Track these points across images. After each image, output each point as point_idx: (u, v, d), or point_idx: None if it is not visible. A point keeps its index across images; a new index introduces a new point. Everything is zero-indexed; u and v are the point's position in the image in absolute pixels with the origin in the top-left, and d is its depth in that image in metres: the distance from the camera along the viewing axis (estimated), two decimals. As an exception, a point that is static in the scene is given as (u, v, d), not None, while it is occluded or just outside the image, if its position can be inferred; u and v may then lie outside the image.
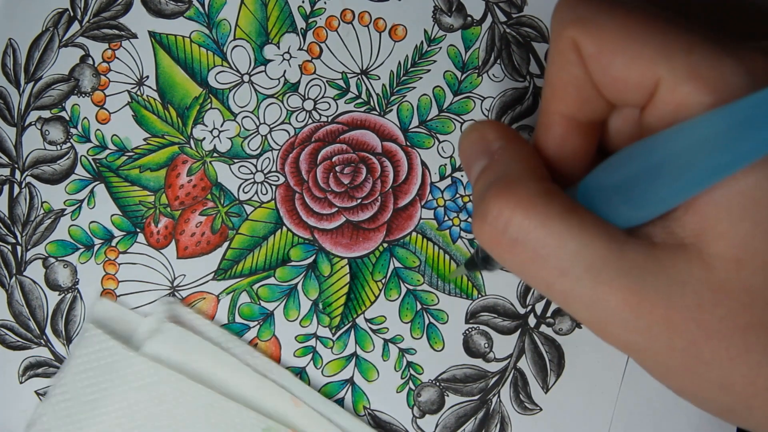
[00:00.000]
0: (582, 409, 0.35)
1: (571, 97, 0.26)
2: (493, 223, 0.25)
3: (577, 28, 0.24)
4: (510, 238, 0.24)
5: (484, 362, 0.36)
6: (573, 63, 0.25)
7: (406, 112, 0.37)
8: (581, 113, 0.26)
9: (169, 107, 0.37)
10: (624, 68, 0.23)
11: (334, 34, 0.37)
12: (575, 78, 0.25)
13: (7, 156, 0.37)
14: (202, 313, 0.36)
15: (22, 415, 0.35)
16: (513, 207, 0.24)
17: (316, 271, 0.36)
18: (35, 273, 0.36)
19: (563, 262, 0.24)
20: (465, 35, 0.37)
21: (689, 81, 0.22)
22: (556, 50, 0.25)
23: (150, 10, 0.37)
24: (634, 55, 0.23)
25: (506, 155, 0.26)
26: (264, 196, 0.36)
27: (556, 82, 0.26)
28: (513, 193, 0.24)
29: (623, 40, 0.23)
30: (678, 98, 0.22)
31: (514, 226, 0.24)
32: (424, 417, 0.36)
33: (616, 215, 0.24)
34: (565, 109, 0.26)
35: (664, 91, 0.23)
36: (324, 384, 0.36)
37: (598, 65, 0.24)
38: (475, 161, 0.28)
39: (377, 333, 0.36)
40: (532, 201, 0.24)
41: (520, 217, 0.24)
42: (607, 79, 0.24)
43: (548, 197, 0.24)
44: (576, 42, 0.24)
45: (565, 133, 0.27)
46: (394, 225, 0.36)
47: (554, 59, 0.25)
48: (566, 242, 0.24)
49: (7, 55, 0.37)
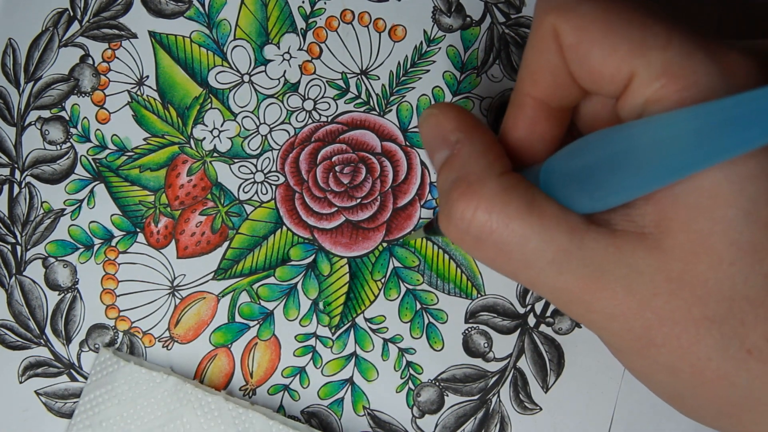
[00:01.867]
0: (582, 409, 0.35)
1: (546, 82, 0.26)
2: (457, 223, 0.26)
3: (559, 16, 0.25)
4: (474, 237, 0.26)
5: (483, 362, 0.36)
6: (551, 50, 0.25)
7: (405, 112, 0.37)
8: (554, 98, 0.27)
9: (169, 107, 0.37)
10: (600, 60, 0.24)
11: (334, 34, 0.37)
12: (552, 64, 0.26)
13: (6, 156, 0.37)
14: (202, 312, 0.36)
15: (22, 415, 0.35)
16: (474, 208, 0.25)
17: (315, 271, 0.36)
18: (35, 273, 0.36)
19: (526, 257, 0.25)
20: (464, 36, 0.37)
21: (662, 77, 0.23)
22: (536, 35, 0.26)
23: (150, 10, 0.37)
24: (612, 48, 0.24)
25: (465, 149, 0.27)
26: (264, 196, 0.36)
27: (532, 66, 0.26)
28: (474, 193, 0.25)
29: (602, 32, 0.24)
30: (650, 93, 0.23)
31: (476, 225, 0.25)
32: (424, 417, 0.36)
33: (577, 201, 0.25)
34: (539, 93, 0.27)
35: (638, 84, 0.23)
36: (323, 384, 0.36)
37: (576, 55, 0.25)
38: (436, 151, 0.29)
39: (377, 332, 0.36)
40: (492, 200, 0.25)
41: (482, 218, 0.25)
42: (583, 69, 0.25)
43: (508, 194, 0.25)
44: (556, 29, 0.25)
45: (535, 116, 0.27)
46: (393, 225, 0.36)
47: (533, 43, 0.26)
48: (528, 238, 0.25)
49: (7, 55, 0.37)
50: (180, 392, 0.34)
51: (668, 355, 0.24)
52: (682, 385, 0.25)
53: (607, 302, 0.24)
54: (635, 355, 0.25)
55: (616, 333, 0.25)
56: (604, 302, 0.24)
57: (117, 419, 0.34)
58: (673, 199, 0.23)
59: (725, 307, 0.23)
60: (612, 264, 0.24)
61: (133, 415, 0.34)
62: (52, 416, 0.35)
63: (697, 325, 0.23)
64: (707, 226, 0.22)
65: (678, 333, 0.23)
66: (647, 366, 0.25)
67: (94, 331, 0.36)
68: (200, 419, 0.34)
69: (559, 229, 0.24)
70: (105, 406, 0.34)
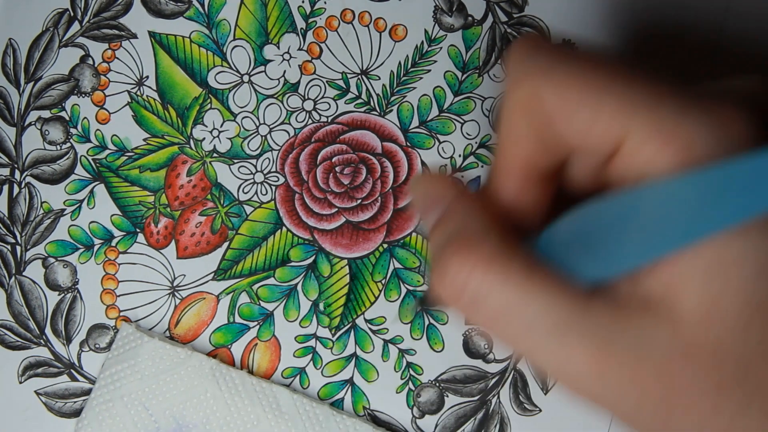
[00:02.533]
0: (582, 411, 0.35)
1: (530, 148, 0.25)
2: (451, 283, 0.24)
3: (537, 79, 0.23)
4: (470, 298, 0.24)
5: (483, 363, 0.36)
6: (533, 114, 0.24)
7: (406, 112, 0.37)
8: (541, 162, 0.25)
9: (169, 107, 0.37)
10: (588, 122, 0.23)
11: (334, 34, 0.37)
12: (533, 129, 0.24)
13: (6, 156, 0.37)
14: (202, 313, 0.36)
15: (22, 414, 0.35)
16: (471, 266, 0.23)
17: (315, 272, 0.36)
18: (35, 273, 0.36)
19: (526, 323, 0.23)
20: (466, 35, 0.37)
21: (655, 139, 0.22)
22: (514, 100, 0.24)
23: (150, 10, 0.37)
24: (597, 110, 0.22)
25: (461, 207, 0.26)
26: (264, 197, 0.36)
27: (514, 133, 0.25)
28: (471, 250, 0.24)
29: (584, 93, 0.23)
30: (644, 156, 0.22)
31: (473, 286, 0.23)
32: (424, 417, 0.36)
33: (579, 271, 0.23)
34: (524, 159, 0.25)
35: (630, 147, 0.22)
36: (324, 384, 0.36)
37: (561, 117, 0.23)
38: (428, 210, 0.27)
39: (377, 333, 0.36)
40: (491, 260, 0.23)
41: (480, 278, 0.23)
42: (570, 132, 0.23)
43: (507, 255, 0.24)
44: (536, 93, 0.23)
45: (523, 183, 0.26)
46: (394, 225, 0.36)
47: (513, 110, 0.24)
48: (528, 304, 0.23)
49: (7, 55, 0.37)
50: (204, 368, 0.34)
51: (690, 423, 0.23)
52: None
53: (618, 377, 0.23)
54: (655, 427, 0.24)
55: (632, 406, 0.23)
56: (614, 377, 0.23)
57: (138, 394, 0.34)
58: (681, 265, 0.22)
59: (741, 371, 0.22)
60: (619, 333, 0.23)
61: (155, 390, 0.34)
62: (53, 416, 0.35)
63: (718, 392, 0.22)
64: (718, 289, 0.22)
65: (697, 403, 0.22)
66: None
67: (95, 331, 0.36)
68: (224, 394, 0.34)
69: (562, 295, 0.23)
70: (127, 381, 0.34)
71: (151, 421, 0.34)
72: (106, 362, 0.35)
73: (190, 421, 0.34)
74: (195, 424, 0.34)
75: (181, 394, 0.34)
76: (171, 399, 0.34)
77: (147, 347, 0.35)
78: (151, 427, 0.34)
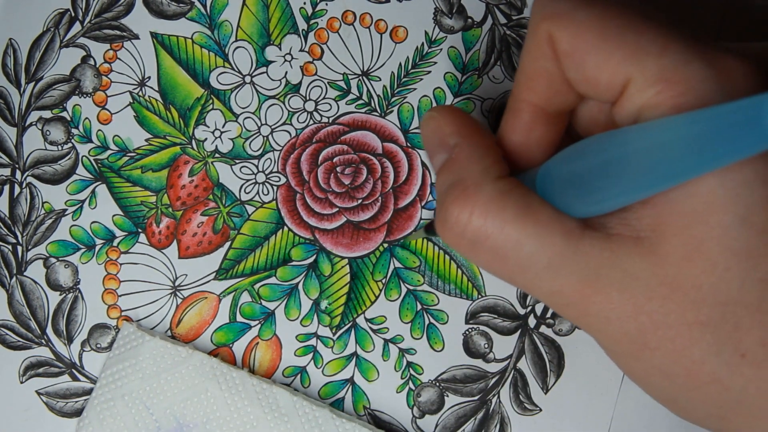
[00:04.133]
0: (582, 410, 0.36)
1: (542, 87, 0.26)
2: (453, 227, 0.26)
3: (554, 23, 0.25)
4: (470, 241, 0.26)
5: (484, 363, 0.36)
6: (546, 56, 0.25)
7: (406, 113, 0.37)
8: (550, 103, 0.27)
9: (171, 108, 0.37)
10: (596, 67, 0.24)
11: (335, 35, 0.37)
12: (547, 70, 0.26)
13: (7, 156, 0.37)
14: (204, 312, 0.36)
15: (23, 415, 0.35)
16: (469, 212, 0.25)
17: (316, 271, 0.36)
18: (36, 273, 0.36)
19: (522, 261, 0.25)
20: (465, 37, 0.37)
21: (658, 83, 0.23)
22: (532, 41, 0.26)
23: (152, 11, 0.37)
24: (607, 55, 0.24)
25: (463, 153, 0.27)
26: (265, 197, 0.37)
27: (528, 72, 0.26)
28: (469, 197, 0.25)
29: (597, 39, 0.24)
30: (645, 99, 0.23)
31: (471, 230, 0.25)
32: (424, 417, 0.36)
33: (573, 205, 0.25)
34: (535, 98, 0.27)
35: (634, 91, 0.23)
36: (324, 383, 0.36)
37: (571, 62, 0.25)
38: (435, 154, 0.29)
39: (377, 333, 0.36)
40: (488, 205, 0.25)
41: (477, 222, 0.25)
42: (579, 76, 0.25)
43: (504, 199, 0.25)
44: (551, 36, 0.25)
45: (532, 121, 0.27)
46: (394, 225, 0.36)
47: (529, 49, 0.26)
48: (523, 243, 0.25)
49: (8, 55, 0.37)
50: (205, 367, 0.34)
51: (662, 358, 0.24)
52: (676, 387, 0.25)
53: (603, 306, 0.24)
54: (630, 358, 0.25)
55: (611, 336, 0.25)
56: (599, 306, 0.24)
57: (140, 393, 0.34)
58: (669, 204, 0.23)
59: (719, 312, 0.23)
60: (607, 268, 0.24)
61: (157, 389, 0.34)
62: (54, 416, 0.35)
63: (691, 329, 0.23)
64: (702, 232, 0.23)
65: (672, 336, 0.24)
66: (642, 369, 0.25)
67: (96, 331, 0.36)
68: (224, 393, 0.34)
69: (554, 233, 0.25)
70: (128, 380, 0.34)
71: (152, 420, 0.34)
72: (107, 361, 0.35)
73: (190, 420, 0.34)
74: (195, 423, 0.34)
75: (181, 393, 0.34)
76: (172, 398, 0.34)
77: (148, 346, 0.35)
78: (152, 426, 0.34)
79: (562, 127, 0.28)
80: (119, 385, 0.34)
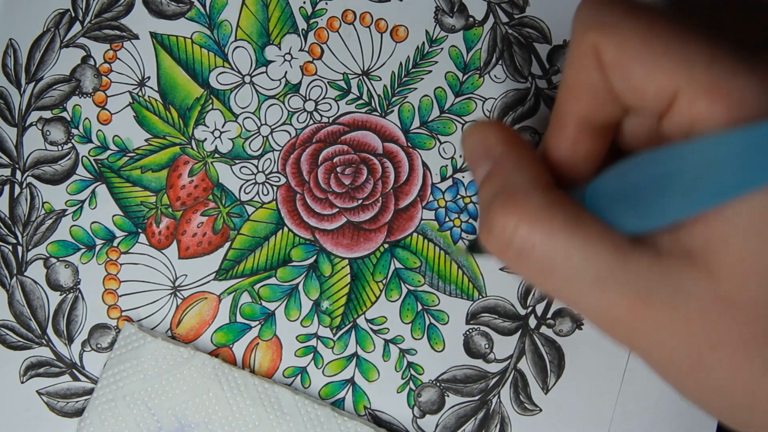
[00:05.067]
0: (582, 410, 0.36)
1: (587, 99, 0.26)
2: (498, 236, 0.25)
3: (599, 33, 0.24)
4: (516, 250, 0.25)
5: (484, 363, 0.36)
6: (592, 67, 0.25)
7: (407, 113, 0.37)
8: (596, 116, 0.26)
9: (171, 108, 0.37)
10: (644, 77, 0.23)
11: (335, 34, 0.37)
12: (593, 82, 0.25)
13: (7, 156, 0.37)
14: (204, 312, 0.36)
15: (24, 414, 0.35)
16: (517, 220, 0.25)
17: (317, 272, 0.36)
18: (36, 273, 0.36)
19: (569, 273, 0.24)
20: (467, 36, 0.37)
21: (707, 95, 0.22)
22: (576, 53, 0.25)
23: (151, 11, 0.37)
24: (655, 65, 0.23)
25: (509, 163, 0.27)
26: (265, 197, 0.36)
27: (572, 84, 0.26)
28: (517, 205, 0.25)
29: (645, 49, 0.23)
30: (695, 112, 0.22)
31: (518, 239, 0.25)
32: (425, 417, 0.36)
33: (622, 222, 0.24)
34: (581, 111, 0.26)
35: (682, 103, 0.23)
36: (324, 384, 0.36)
37: (618, 72, 0.24)
38: (478, 165, 0.28)
39: (378, 333, 0.36)
40: (536, 214, 0.24)
41: (525, 231, 0.24)
42: (625, 86, 0.24)
43: (552, 209, 0.24)
44: (596, 47, 0.24)
45: (577, 134, 0.27)
46: (395, 226, 0.36)
47: (573, 61, 0.25)
48: (571, 255, 0.24)
49: (8, 55, 0.37)
50: (207, 367, 0.35)
51: (719, 376, 0.23)
52: (735, 406, 0.24)
53: (653, 323, 0.24)
54: (684, 377, 0.25)
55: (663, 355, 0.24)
56: (649, 323, 0.24)
57: (141, 393, 0.34)
58: (722, 220, 0.22)
59: None
60: (658, 285, 0.23)
61: (158, 390, 0.34)
62: (54, 416, 0.35)
63: (747, 346, 0.23)
64: (756, 246, 0.22)
65: (728, 354, 0.23)
66: (697, 388, 0.25)
67: (96, 331, 0.36)
68: (226, 394, 0.34)
69: (603, 247, 0.24)
70: (129, 381, 0.35)
71: (153, 421, 0.34)
72: (108, 362, 0.35)
73: (192, 420, 0.34)
74: (197, 423, 0.34)
75: (183, 393, 0.34)
76: (173, 398, 0.34)
77: (150, 347, 0.35)
78: (153, 426, 0.34)
79: (608, 141, 0.27)
80: (121, 386, 0.35)
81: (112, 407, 0.34)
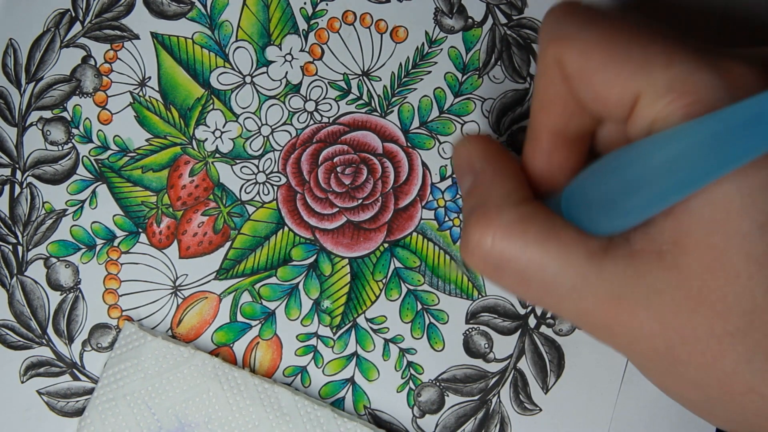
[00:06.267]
0: (582, 410, 0.36)
1: (557, 112, 0.26)
2: (475, 251, 0.26)
3: (561, 45, 0.25)
4: (492, 264, 0.26)
5: (484, 362, 0.36)
6: (557, 80, 0.25)
7: (407, 113, 0.37)
8: (568, 127, 0.27)
9: (171, 108, 0.37)
10: (605, 84, 0.24)
11: (335, 35, 0.37)
12: (560, 94, 0.26)
13: (8, 156, 0.37)
14: (204, 312, 0.36)
15: (24, 414, 0.35)
16: (491, 235, 0.25)
17: (317, 271, 0.36)
18: (36, 273, 0.36)
19: (546, 284, 0.25)
20: (466, 37, 0.37)
21: (667, 94, 0.23)
22: (542, 66, 0.26)
23: (152, 11, 0.37)
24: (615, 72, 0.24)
25: (486, 178, 0.27)
26: (266, 197, 0.37)
27: (542, 98, 0.26)
28: (491, 221, 0.25)
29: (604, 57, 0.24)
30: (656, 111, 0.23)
31: (494, 253, 0.25)
32: (424, 417, 0.36)
33: (596, 224, 0.25)
34: (551, 123, 0.27)
35: (643, 105, 0.23)
36: (324, 383, 0.36)
37: (581, 82, 0.25)
38: (463, 179, 0.29)
39: (378, 333, 0.36)
40: (510, 227, 0.25)
41: (499, 246, 0.25)
42: (589, 96, 0.25)
43: (526, 222, 0.25)
44: (559, 59, 0.25)
45: (552, 147, 0.27)
46: (394, 225, 0.37)
47: (540, 75, 0.26)
48: (546, 266, 0.25)
49: (8, 55, 0.37)
50: (207, 367, 0.35)
51: (694, 372, 0.24)
52: (711, 400, 0.25)
53: (630, 325, 0.24)
54: (663, 374, 0.25)
55: (641, 354, 0.25)
56: (626, 325, 0.24)
57: (142, 393, 0.34)
58: (689, 214, 0.23)
59: (746, 321, 0.23)
60: (631, 286, 0.24)
61: (159, 389, 0.34)
62: (55, 415, 0.35)
63: (720, 341, 0.23)
64: (722, 241, 0.22)
65: (702, 350, 0.23)
66: (675, 384, 0.25)
67: (97, 330, 0.36)
68: (226, 393, 0.34)
69: (577, 254, 0.24)
70: (130, 380, 0.35)
71: (153, 420, 0.34)
72: (108, 361, 0.35)
73: (192, 420, 0.34)
74: (197, 423, 0.34)
75: (183, 393, 0.34)
76: (174, 398, 0.34)
77: (150, 346, 0.35)
78: (153, 426, 0.34)
79: (583, 150, 0.28)
80: (121, 385, 0.35)
81: (112, 407, 0.34)
